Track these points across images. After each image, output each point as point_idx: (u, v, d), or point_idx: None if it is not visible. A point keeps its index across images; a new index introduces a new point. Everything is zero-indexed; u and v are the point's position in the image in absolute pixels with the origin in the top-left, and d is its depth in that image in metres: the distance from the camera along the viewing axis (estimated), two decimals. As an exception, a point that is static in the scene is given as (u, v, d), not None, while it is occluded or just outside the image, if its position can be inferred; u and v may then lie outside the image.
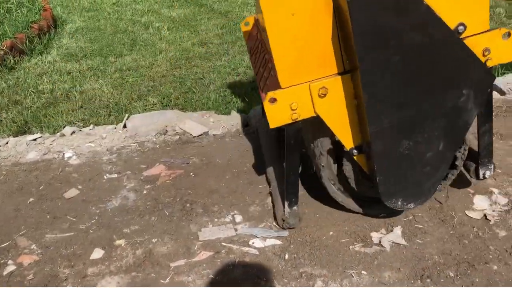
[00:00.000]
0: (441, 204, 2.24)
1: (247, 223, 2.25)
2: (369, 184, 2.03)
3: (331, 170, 2.07)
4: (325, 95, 1.76)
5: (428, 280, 1.86)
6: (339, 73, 1.75)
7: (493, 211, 2.17)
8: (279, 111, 1.77)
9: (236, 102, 3.67)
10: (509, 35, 1.73)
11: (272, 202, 2.35)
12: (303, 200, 2.35)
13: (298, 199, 2.13)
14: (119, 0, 6.65)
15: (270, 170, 2.49)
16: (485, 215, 2.15)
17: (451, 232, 2.09)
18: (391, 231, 2.11)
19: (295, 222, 2.15)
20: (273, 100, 1.75)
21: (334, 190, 2.13)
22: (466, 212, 2.18)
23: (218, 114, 3.29)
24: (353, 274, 1.92)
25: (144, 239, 2.21)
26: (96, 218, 2.38)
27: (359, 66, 1.61)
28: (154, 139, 3.00)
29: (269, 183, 2.47)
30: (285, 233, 2.16)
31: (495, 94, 2.07)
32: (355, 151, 1.89)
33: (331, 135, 1.94)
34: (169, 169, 2.69)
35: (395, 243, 2.05)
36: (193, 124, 3.06)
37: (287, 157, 2.00)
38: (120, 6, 6.45)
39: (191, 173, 2.65)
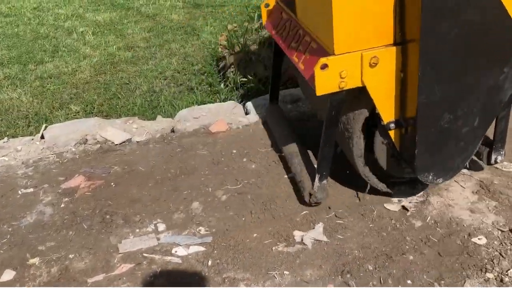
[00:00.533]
0: (359, 200, 2.28)
1: (170, 231, 2.19)
2: (397, 163, 2.06)
3: (361, 149, 2.06)
4: (376, 64, 1.76)
5: (348, 275, 1.88)
6: (390, 45, 1.78)
7: (410, 202, 2.24)
8: (329, 78, 1.76)
9: (163, 106, 3.59)
10: None
11: (297, 182, 2.31)
12: (228, 204, 2.32)
13: (329, 173, 2.11)
14: (40, 5, 6.33)
15: (291, 149, 2.45)
16: (402, 207, 2.22)
17: (370, 225, 2.13)
18: (313, 228, 2.13)
19: (323, 196, 2.12)
20: (324, 66, 1.74)
21: (362, 167, 2.11)
22: (385, 205, 2.24)
23: (142, 119, 3.19)
24: (275, 275, 1.91)
25: (60, 256, 2.09)
26: (8, 237, 2.23)
27: (420, 37, 1.61)
28: (74, 149, 2.86)
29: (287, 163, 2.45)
30: (209, 238, 2.13)
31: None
32: (392, 125, 1.90)
33: (366, 112, 1.96)
34: (88, 180, 2.57)
35: (317, 240, 2.06)
36: (115, 131, 2.95)
37: (325, 130, 1.98)
38: (42, 11, 6.14)
39: (112, 183, 2.55)
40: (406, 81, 1.80)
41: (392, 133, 1.95)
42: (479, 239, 2.01)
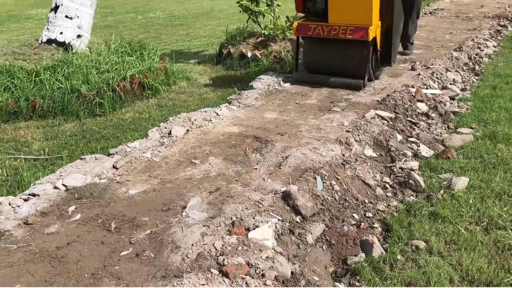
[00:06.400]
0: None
1: None
2: (377, 64, 5.25)
3: (370, 61, 5.01)
4: (378, 27, 4.89)
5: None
6: (378, 20, 4.91)
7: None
8: (371, 33, 4.67)
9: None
10: None
11: (345, 84, 5.01)
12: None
13: (368, 74, 5.03)
14: None
15: (332, 79, 5.07)
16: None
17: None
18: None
19: (367, 83, 5.04)
20: (370, 29, 4.64)
21: (369, 68, 5.03)
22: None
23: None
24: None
25: None
26: None
27: (393, 17, 4.99)
28: None
29: (332, 84, 5.07)
30: None
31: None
32: (379, 49, 5.09)
33: (371, 48, 4.93)
34: None
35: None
36: None
37: (366, 54, 4.86)
38: None
39: None
40: (381, 33, 5.02)
41: (378, 53, 5.14)
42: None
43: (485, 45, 7.14)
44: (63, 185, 3.05)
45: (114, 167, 3.32)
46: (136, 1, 16.26)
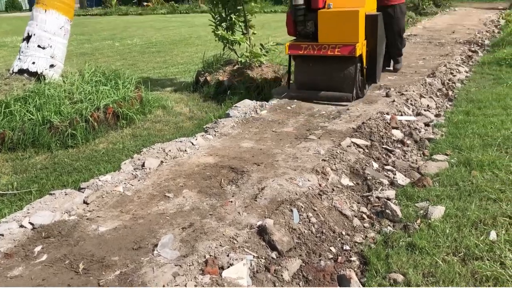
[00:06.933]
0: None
1: None
2: (363, 81, 5.60)
3: (356, 78, 5.36)
4: (364, 45, 5.43)
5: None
6: (364, 39, 5.44)
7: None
8: (358, 49, 5.13)
9: None
10: None
11: (335, 98, 5.43)
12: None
13: (355, 88, 5.41)
14: None
15: (323, 93, 5.47)
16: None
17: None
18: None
19: (354, 96, 5.41)
20: (357, 46, 5.09)
21: (354, 84, 5.34)
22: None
23: None
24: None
25: None
26: None
27: (378, 32, 5.73)
28: None
29: (322, 98, 5.50)
30: None
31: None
32: (365, 67, 5.57)
33: (358, 64, 5.38)
34: None
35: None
36: None
37: (355, 69, 5.27)
38: None
39: None
40: (367, 52, 5.59)
41: (364, 70, 5.57)
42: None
43: (457, 70, 7.31)
44: (30, 223, 2.93)
45: (84, 202, 3.21)
46: (114, 27, 16.28)
